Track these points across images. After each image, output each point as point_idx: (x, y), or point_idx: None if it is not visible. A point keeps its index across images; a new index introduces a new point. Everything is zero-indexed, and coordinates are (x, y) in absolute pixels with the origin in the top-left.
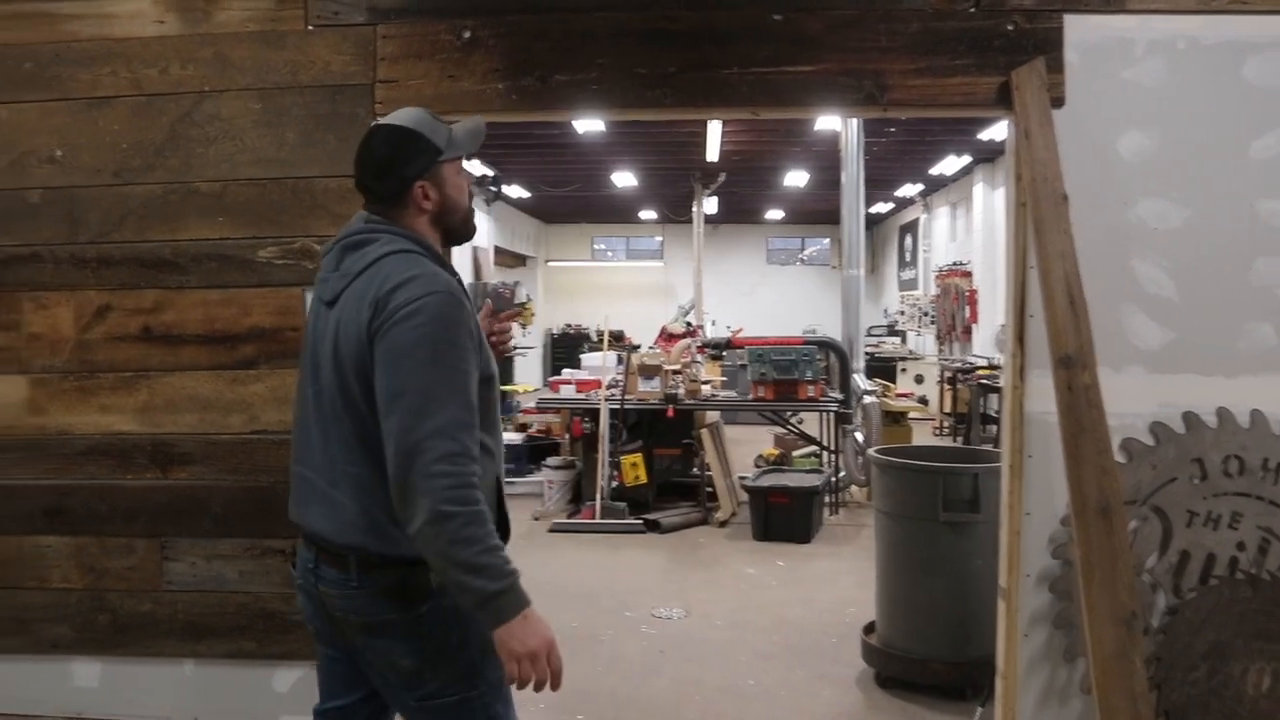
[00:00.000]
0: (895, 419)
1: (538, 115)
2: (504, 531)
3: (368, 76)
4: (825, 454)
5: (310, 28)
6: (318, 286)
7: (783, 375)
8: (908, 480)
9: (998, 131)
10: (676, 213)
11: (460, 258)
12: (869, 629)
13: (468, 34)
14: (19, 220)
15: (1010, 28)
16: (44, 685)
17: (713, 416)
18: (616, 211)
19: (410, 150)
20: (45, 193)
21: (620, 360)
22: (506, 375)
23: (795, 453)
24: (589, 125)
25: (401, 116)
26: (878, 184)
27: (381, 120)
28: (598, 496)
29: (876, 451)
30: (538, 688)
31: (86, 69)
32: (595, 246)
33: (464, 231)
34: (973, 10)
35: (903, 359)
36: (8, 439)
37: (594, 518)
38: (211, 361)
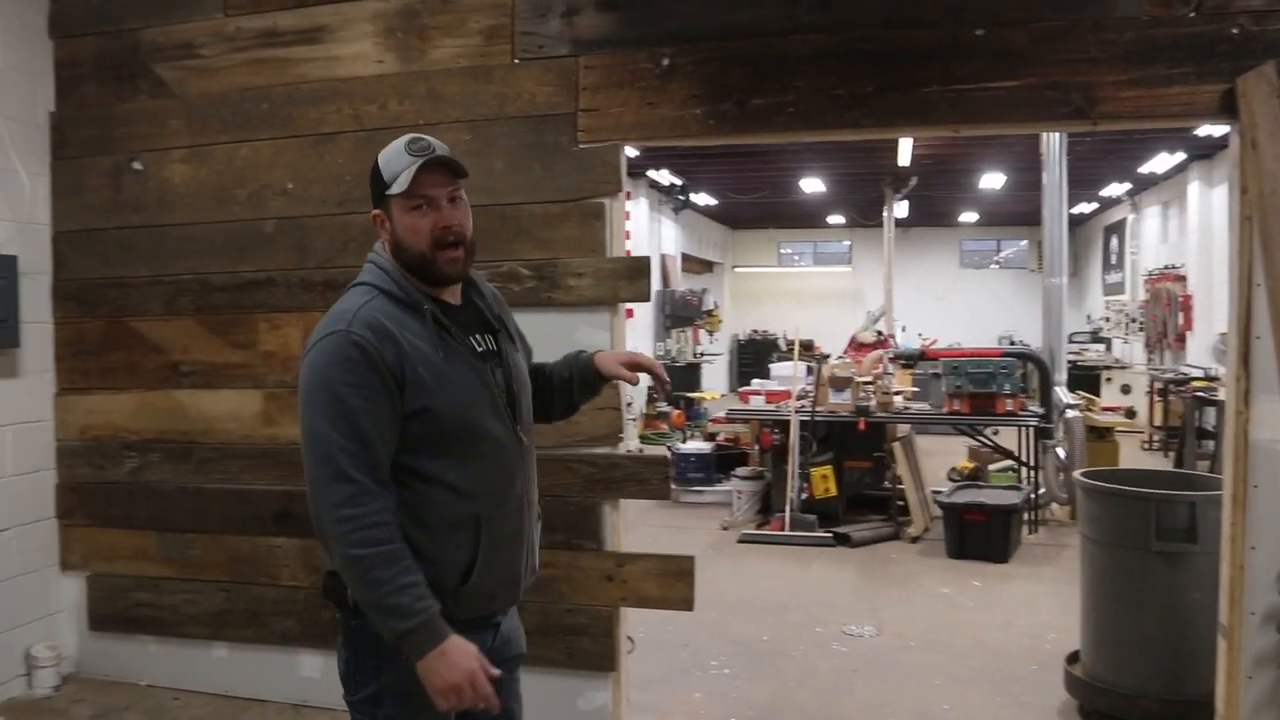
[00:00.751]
0: (1100, 434)
1: (735, 139)
2: (466, 573)
3: (570, 106)
4: (1024, 469)
5: (516, 61)
6: None
7: (979, 388)
8: (1117, 506)
9: (1217, 126)
10: (866, 217)
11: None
12: (1072, 658)
13: (666, 62)
14: (256, 248)
15: (1235, 31)
16: (273, 674)
17: (905, 428)
18: (804, 216)
19: (371, 180)
20: (279, 222)
21: (810, 371)
22: (693, 382)
23: (991, 466)
24: None
25: (384, 151)
26: (1081, 183)
27: None
28: (787, 508)
29: (1082, 474)
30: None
31: (315, 107)
32: (782, 251)
33: (421, 273)
34: (1192, 15)
35: (1108, 368)
36: (244, 447)
37: (783, 529)
38: None
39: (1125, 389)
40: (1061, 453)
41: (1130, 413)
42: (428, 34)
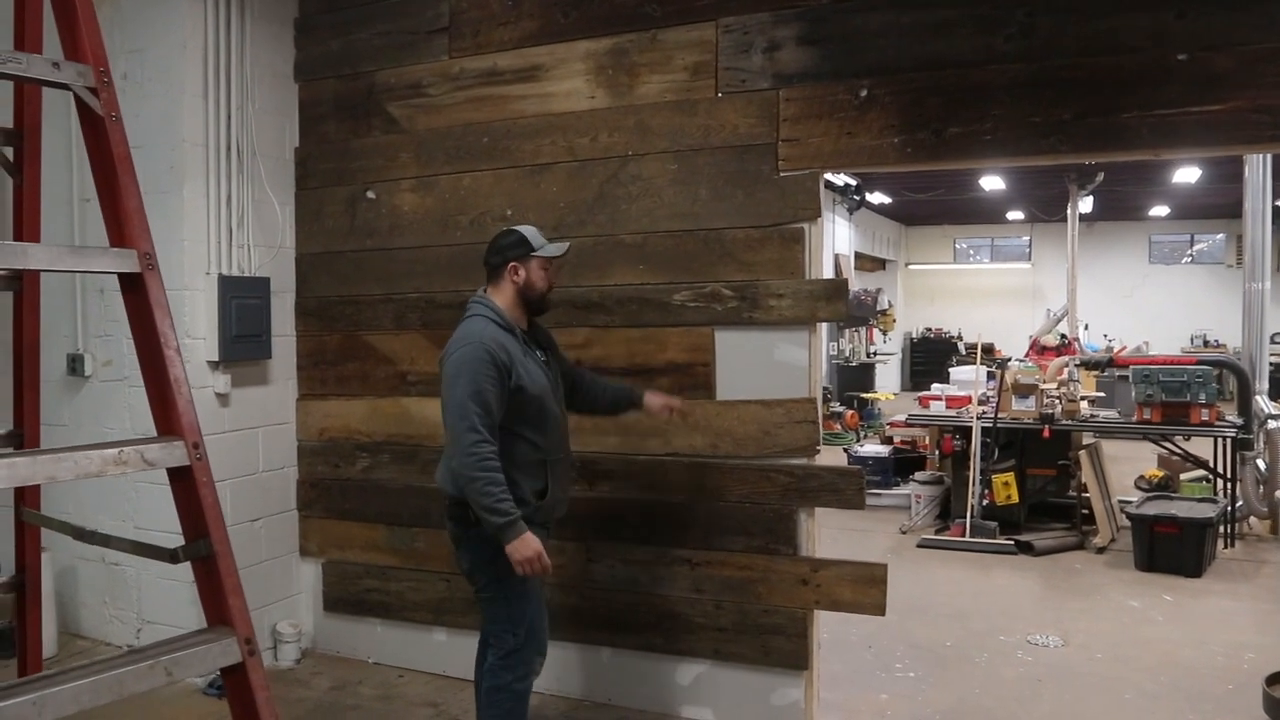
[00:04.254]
0: None
1: (930, 166)
2: (543, 494)
3: (771, 136)
4: (1219, 480)
5: (720, 95)
6: None
7: (1172, 397)
8: None
9: None
10: (1047, 212)
11: (824, 265)
12: (1273, 679)
13: (864, 93)
14: (477, 269)
15: None
16: None
17: (1091, 435)
18: (982, 212)
19: (513, 241)
20: None
21: (991, 375)
22: (866, 383)
23: (1182, 475)
24: None
25: (520, 227)
26: None
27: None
28: (967, 514)
29: None
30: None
31: (530, 141)
32: (958, 247)
33: (539, 308)
34: None
35: None
36: None
37: (963, 535)
38: None
39: None
40: (1262, 464)
41: None
42: (636, 71)
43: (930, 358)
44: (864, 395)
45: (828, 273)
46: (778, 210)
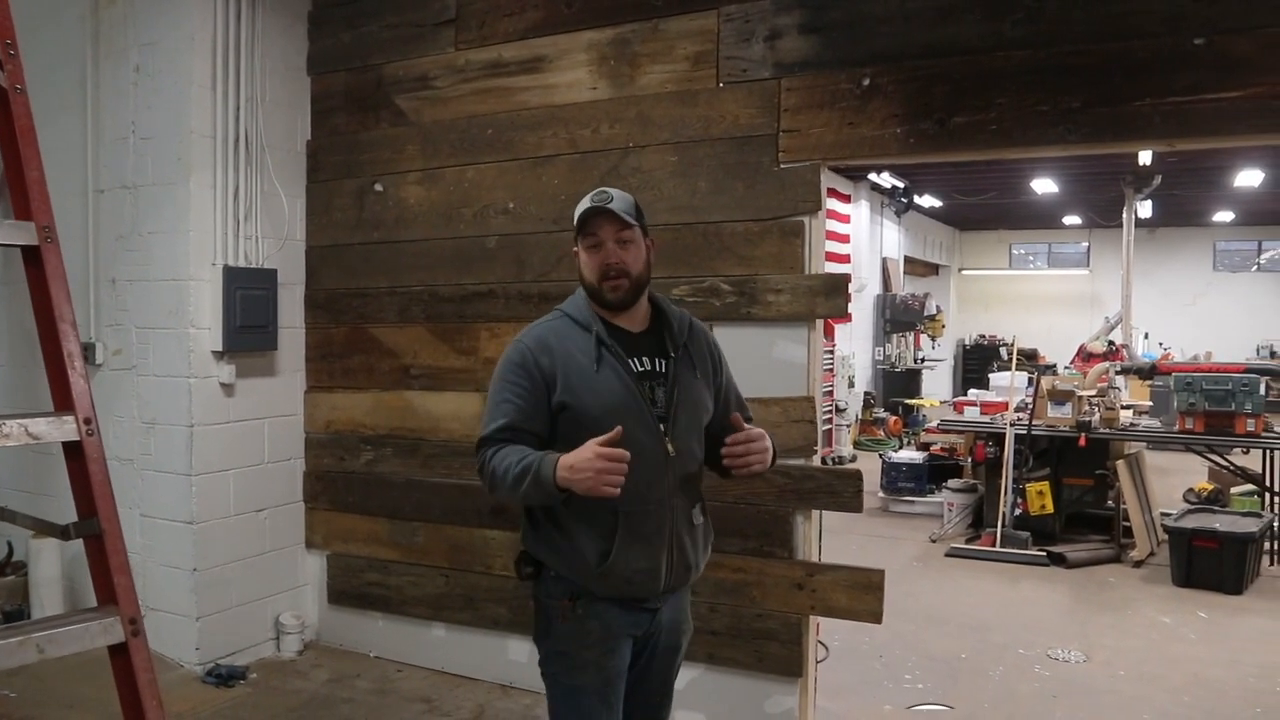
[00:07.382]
0: None
1: (934, 157)
2: (606, 555)
3: (771, 127)
4: (1269, 495)
5: (721, 85)
6: None
7: (1216, 406)
8: None
9: None
10: (1105, 217)
11: (870, 269)
12: None
13: (866, 82)
14: (479, 262)
15: None
16: (485, 655)
17: (1133, 445)
18: (1037, 217)
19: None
20: (500, 239)
21: (1030, 381)
22: (912, 389)
23: (1234, 489)
24: None
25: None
26: None
27: None
28: (999, 523)
29: None
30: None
31: (533, 132)
32: (1014, 253)
33: (594, 298)
34: None
35: None
36: (465, 445)
37: (993, 545)
38: None
39: None
40: None
41: None
42: (638, 61)
43: (983, 365)
44: (909, 401)
45: (868, 275)
46: (777, 203)
